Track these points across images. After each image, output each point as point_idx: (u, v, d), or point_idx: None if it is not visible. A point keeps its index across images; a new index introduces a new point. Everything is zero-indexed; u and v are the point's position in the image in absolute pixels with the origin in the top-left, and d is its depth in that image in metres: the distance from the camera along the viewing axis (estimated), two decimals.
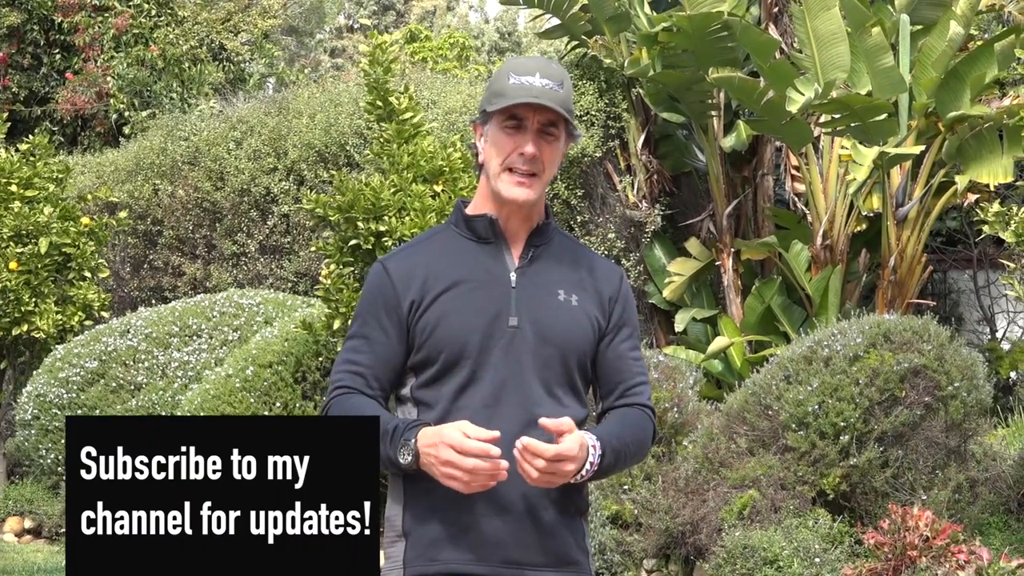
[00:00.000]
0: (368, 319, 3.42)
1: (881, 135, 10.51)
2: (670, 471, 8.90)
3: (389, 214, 9.16)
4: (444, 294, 3.36)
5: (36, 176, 13.45)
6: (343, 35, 43.57)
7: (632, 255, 12.86)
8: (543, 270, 3.44)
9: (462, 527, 3.28)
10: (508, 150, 3.36)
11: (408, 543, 3.34)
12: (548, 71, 3.37)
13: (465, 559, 3.28)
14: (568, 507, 3.38)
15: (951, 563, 7.51)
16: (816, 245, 11.43)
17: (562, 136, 3.41)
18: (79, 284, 13.34)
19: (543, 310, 3.39)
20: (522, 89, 3.33)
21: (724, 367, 11.85)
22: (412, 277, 3.39)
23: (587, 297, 3.45)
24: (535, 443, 3.15)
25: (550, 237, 3.49)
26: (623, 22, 12.33)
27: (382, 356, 3.37)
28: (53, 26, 22.19)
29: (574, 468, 3.20)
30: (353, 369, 3.38)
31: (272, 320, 11.87)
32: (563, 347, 3.38)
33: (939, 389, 8.33)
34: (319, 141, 14.53)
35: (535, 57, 3.49)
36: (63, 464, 11.71)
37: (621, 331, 3.50)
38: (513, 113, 3.36)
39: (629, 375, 3.49)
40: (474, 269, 3.40)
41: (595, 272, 3.51)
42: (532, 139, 3.35)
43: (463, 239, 3.45)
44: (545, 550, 3.32)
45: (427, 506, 3.31)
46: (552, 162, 3.40)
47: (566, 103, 3.36)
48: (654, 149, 13.11)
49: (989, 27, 13.11)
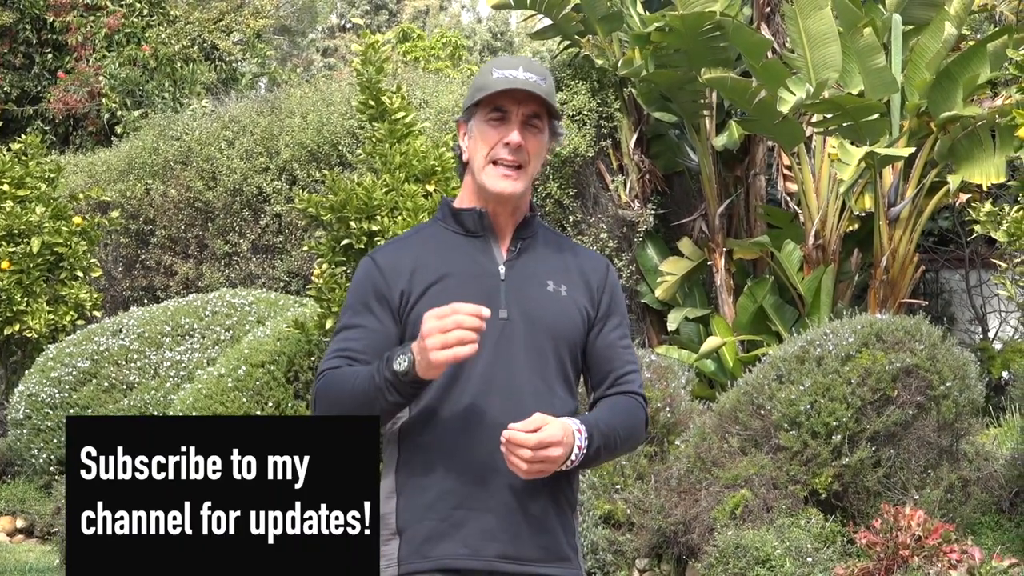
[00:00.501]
0: (359, 308, 3.40)
1: (873, 135, 10.53)
2: (662, 470, 8.91)
3: (381, 214, 9.16)
4: (433, 287, 3.35)
5: (28, 175, 13.44)
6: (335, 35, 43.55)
7: (624, 255, 12.87)
8: (531, 262, 3.45)
9: (455, 523, 3.28)
10: (493, 142, 3.37)
11: (402, 540, 3.33)
12: (531, 66, 3.39)
13: (460, 554, 3.28)
14: (560, 501, 3.38)
15: (943, 562, 7.52)
16: (808, 245, 11.45)
17: (546, 130, 3.43)
18: (71, 283, 13.33)
19: (533, 301, 3.39)
20: (506, 81, 3.35)
21: (716, 367, 11.87)
22: (401, 270, 3.39)
23: (576, 287, 3.46)
24: (516, 435, 3.15)
25: (536, 230, 3.50)
26: (615, 22, 12.34)
27: (374, 343, 3.35)
28: (45, 25, 22.17)
29: (562, 453, 3.19)
30: (345, 355, 3.36)
31: (264, 320, 11.87)
32: (554, 337, 3.39)
33: (931, 389, 8.34)
34: (311, 141, 14.54)
35: (516, 55, 3.51)
36: (55, 464, 11.72)
37: (610, 320, 3.51)
38: (497, 105, 3.38)
39: (619, 363, 3.49)
40: (463, 262, 3.40)
41: (582, 263, 3.52)
42: (517, 129, 3.36)
43: (451, 233, 3.46)
44: (538, 544, 3.33)
45: (420, 503, 3.31)
46: (537, 155, 3.41)
47: (550, 96, 3.38)
48: (646, 149, 13.13)
49: (981, 27, 13.14)
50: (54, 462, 11.78)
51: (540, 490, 3.32)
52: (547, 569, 3.34)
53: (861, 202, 11.55)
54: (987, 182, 10.46)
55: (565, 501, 3.40)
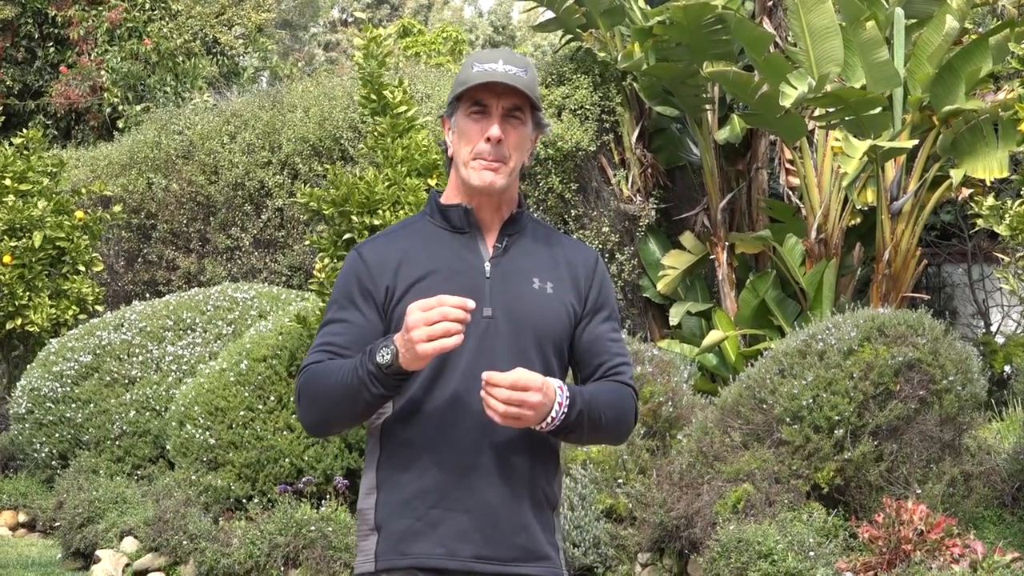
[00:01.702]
0: (344, 303, 3.38)
1: (875, 129, 10.52)
2: (664, 465, 8.90)
3: (383, 208, 9.16)
4: (419, 283, 3.33)
5: (30, 170, 13.44)
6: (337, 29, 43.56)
7: (626, 249, 12.86)
8: (517, 258, 3.43)
9: (431, 522, 3.28)
10: (474, 136, 3.35)
11: (380, 536, 3.33)
12: (511, 59, 3.36)
13: (436, 554, 3.28)
14: (539, 499, 3.36)
15: (945, 557, 7.52)
16: (810, 239, 11.44)
17: (528, 122, 3.40)
18: (73, 278, 13.34)
19: (518, 299, 3.37)
20: (485, 74, 3.32)
21: (718, 361, 11.86)
22: (386, 264, 3.37)
23: (562, 284, 3.44)
24: (494, 374, 3.13)
25: (524, 225, 3.48)
26: (617, 15, 12.33)
27: (358, 337, 3.33)
28: (47, 20, 22.18)
29: (540, 400, 3.14)
30: (329, 349, 3.34)
31: (266, 314, 11.86)
32: (538, 335, 3.37)
33: (933, 383, 8.33)
34: (313, 135, 14.53)
35: (497, 48, 3.49)
36: (57, 458, 11.72)
37: (598, 314, 3.48)
38: (477, 99, 3.36)
39: (608, 356, 3.46)
40: (449, 258, 3.38)
41: (570, 257, 3.49)
42: (497, 123, 3.34)
43: (437, 229, 3.44)
44: (515, 544, 3.31)
45: (399, 500, 3.31)
46: (519, 147, 3.39)
47: (531, 88, 3.35)
48: (648, 143, 13.12)
49: (984, 21, 13.12)
50: (56, 456, 11.78)
51: (519, 488, 3.31)
52: (525, 568, 3.33)
53: (863, 196, 11.54)
54: (989, 176, 10.45)
55: (544, 499, 3.38)
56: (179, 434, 10.20)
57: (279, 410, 10.00)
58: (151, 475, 11.16)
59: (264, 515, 9.60)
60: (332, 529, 9.14)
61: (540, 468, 3.35)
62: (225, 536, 9.53)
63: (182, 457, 10.20)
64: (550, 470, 3.39)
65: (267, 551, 9.20)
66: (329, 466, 9.81)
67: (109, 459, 11.35)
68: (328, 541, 9.09)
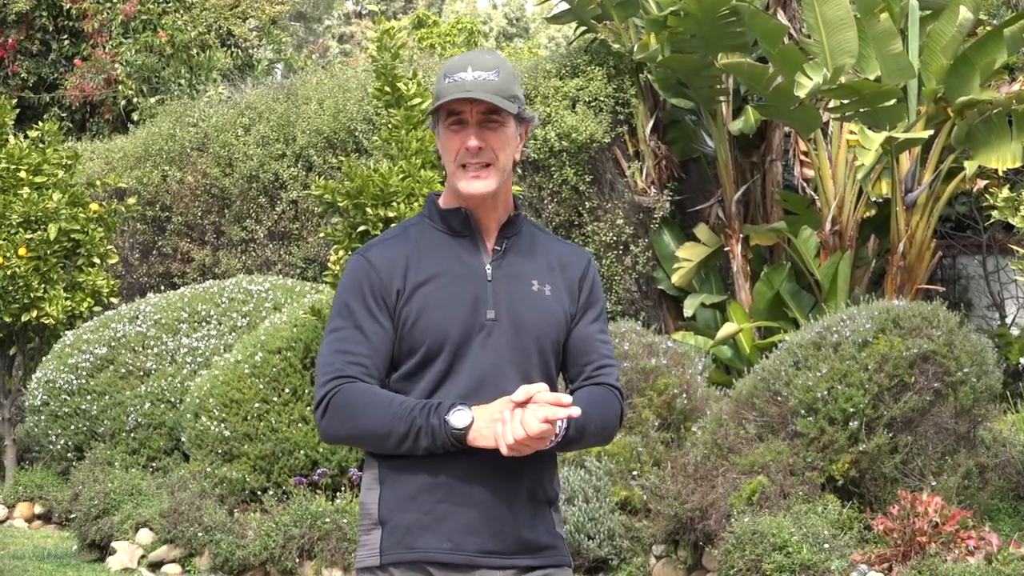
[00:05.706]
0: (357, 309, 3.39)
1: (890, 121, 10.50)
2: (679, 457, 8.90)
3: (398, 200, 9.17)
4: (424, 286, 3.37)
5: (45, 162, 13.47)
6: (351, 21, 43.53)
7: (641, 241, 12.85)
8: (516, 261, 3.47)
9: (438, 516, 3.31)
10: (456, 147, 3.39)
11: (384, 530, 3.36)
12: (480, 63, 3.39)
13: (442, 548, 3.31)
14: (538, 497, 3.42)
15: (960, 549, 7.51)
16: (825, 231, 11.43)
17: (509, 121, 3.42)
18: (88, 270, 13.36)
19: (519, 302, 3.42)
20: (454, 86, 3.36)
21: (733, 353, 11.85)
22: (395, 268, 3.40)
23: (558, 286, 3.49)
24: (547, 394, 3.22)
25: (520, 228, 3.52)
26: (632, 7, 12.32)
27: (377, 346, 3.36)
28: (62, 12, 22.19)
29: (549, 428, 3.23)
30: (350, 359, 3.34)
31: (281, 306, 11.88)
32: (539, 337, 3.42)
33: (948, 375, 8.32)
34: (327, 127, 14.54)
35: (468, 52, 3.51)
36: (72, 450, 11.76)
37: (587, 313, 3.53)
38: (451, 110, 3.40)
39: (596, 356, 3.52)
40: (451, 262, 3.42)
41: (564, 259, 3.55)
42: (474, 132, 3.37)
43: (438, 232, 3.47)
44: (517, 539, 3.36)
45: (403, 494, 3.34)
46: (503, 149, 3.41)
47: (502, 90, 3.37)
48: (663, 135, 13.11)
49: (998, 12, 13.08)
50: (71, 448, 11.82)
51: (521, 485, 3.37)
52: (528, 560, 3.38)
53: (878, 188, 11.52)
54: (1004, 167, 10.43)
55: (543, 496, 3.45)
56: (194, 426, 10.23)
57: (294, 402, 10.02)
58: (166, 467, 11.19)
59: (279, 507, 9.63)
60: (347, 521, 9.16)
61: (540, 467, 3.41)
62: (240, 528, 9.56)
63: (197, 449, 10.23)
64: (549, 469, 3.47)
65: (282, 543, 9.23)
66: (344, 458, 9.83)
67: (124, 451, 11.38)
68: (343, 533, 9.11)
